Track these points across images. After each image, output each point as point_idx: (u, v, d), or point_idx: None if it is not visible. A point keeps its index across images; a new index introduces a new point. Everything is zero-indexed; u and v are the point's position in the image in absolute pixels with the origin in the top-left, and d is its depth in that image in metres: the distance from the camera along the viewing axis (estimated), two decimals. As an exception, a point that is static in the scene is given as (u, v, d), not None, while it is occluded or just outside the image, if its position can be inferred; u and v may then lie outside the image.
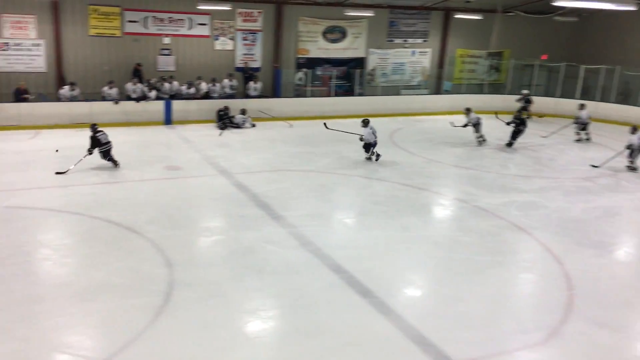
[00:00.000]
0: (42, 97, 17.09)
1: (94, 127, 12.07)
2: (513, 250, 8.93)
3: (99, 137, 11.97)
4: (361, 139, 13.42)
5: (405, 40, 23.17)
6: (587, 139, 17.11)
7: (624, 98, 20.89)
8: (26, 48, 17.40)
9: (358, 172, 12.79)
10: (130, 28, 18.60)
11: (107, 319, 6.25)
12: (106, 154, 12.10)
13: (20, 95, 16.27)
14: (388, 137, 16.84)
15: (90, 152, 11.91)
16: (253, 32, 20.55)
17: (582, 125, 17.09)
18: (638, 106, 19.93)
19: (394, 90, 23.06)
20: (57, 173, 11.55)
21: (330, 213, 10.36)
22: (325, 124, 13.26)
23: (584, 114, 17.03)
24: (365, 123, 13.38)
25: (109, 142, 12.12)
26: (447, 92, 23.24)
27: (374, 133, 13.41)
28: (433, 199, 11.51)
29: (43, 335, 5.89)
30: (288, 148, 14.29)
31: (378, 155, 13.50)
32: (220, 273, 7.53)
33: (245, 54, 20.61)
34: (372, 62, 22.85)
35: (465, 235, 9.27)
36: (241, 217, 9.59)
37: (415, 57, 23.57)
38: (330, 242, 8.66)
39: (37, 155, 12.59)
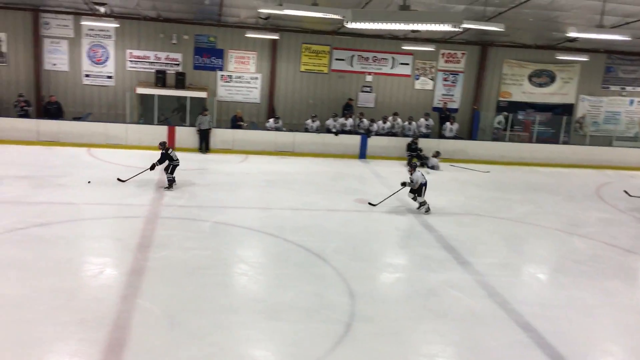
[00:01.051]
0: (253, 125, 18.86)
1: (164, 144, 12.77)
2: None
3: (171, 154, 12.60)
4: (409, 184, 12.26)
5: (623, 88, 21.28)
6: None
7: None
8: (245, 81, 19.40)
9: (557, 225, 11.87)
10: (336, 65, 19.77)
11: (290, 340, 6.49)
12: (173, 169, 12.59)
13: (236, 122, 18.13)
14: (594, 192, 15.42)
15: (153, 167, 12.54)
16: (454, 72, 20.49)
17: None
18: None
19: (605, 140, 21.19)
20: (119, 180, 12.49)
21: (522, 265, 9.71)
22: (370, 202, 12.51)
23: None
24: (414, 167, 12.48)
25: (178, 159, 12.67)
26: (670, 147, 20.68)
27: (423, 175, 12.34)
28: (644, 265, 10.21)
29: (233, 344, 6.30)
30: (481, 192, 13.81)
31: (422, 205, 12.27)
32: (401, 311, 7.43)
33: (444, 94, 20.61)
34: (581, 109, 21.34)
35: (683, 311, 8.04)
36: (426, 258, 9.43)
37: (634, 107, 21.47)
38: (519, 296, 8.09)
39: (245, 178, 13.76)
